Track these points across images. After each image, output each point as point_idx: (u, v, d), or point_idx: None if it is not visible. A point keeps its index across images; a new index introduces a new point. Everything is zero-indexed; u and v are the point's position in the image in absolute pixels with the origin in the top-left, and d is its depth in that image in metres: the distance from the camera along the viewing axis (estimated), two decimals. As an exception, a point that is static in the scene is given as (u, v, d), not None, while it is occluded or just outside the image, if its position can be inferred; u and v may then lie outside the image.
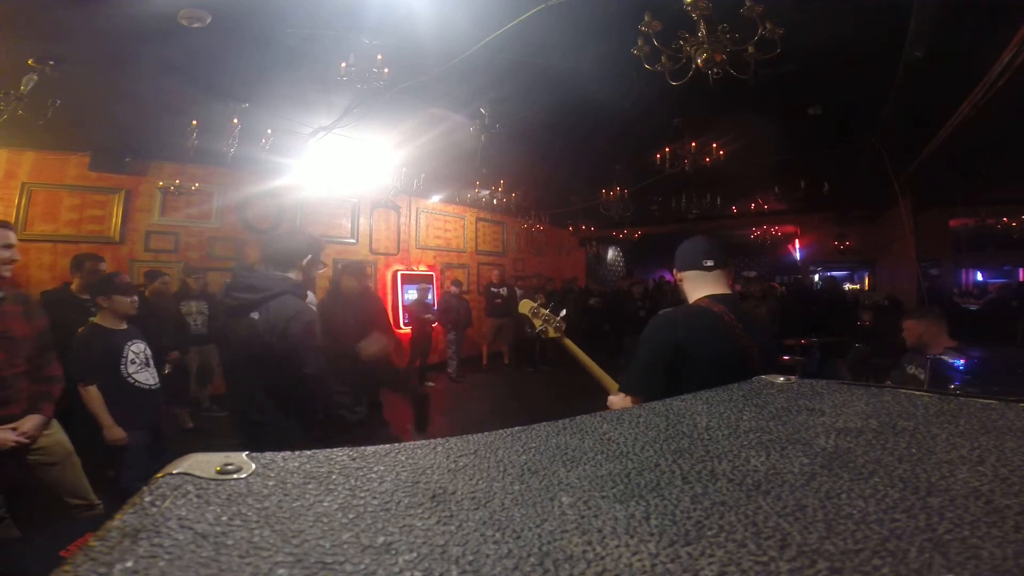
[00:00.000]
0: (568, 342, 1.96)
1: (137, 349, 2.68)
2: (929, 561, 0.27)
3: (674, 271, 1.73)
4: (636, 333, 2.93)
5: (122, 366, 2.59)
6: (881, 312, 5.75)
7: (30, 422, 2.10)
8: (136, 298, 2.75)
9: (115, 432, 2.50)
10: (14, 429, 2.05)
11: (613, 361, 2.61)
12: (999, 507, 0.32)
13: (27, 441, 2.09)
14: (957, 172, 6.03)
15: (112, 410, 2.52)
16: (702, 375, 1.37)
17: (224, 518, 0.32)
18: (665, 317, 1.60)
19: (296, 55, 3.35)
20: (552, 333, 1.91)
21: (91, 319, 2.64)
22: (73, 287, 3.40)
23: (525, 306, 2.00)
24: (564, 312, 1.95)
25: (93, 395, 2.48)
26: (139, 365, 2.66)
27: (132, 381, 2.61)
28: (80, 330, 2.62)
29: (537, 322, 1.93)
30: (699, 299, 1.57)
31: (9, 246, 2.07)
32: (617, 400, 1.56)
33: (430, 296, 7.11)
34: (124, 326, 2.67)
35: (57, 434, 2.25)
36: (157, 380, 2.75)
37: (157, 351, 2.96)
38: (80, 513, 2.27)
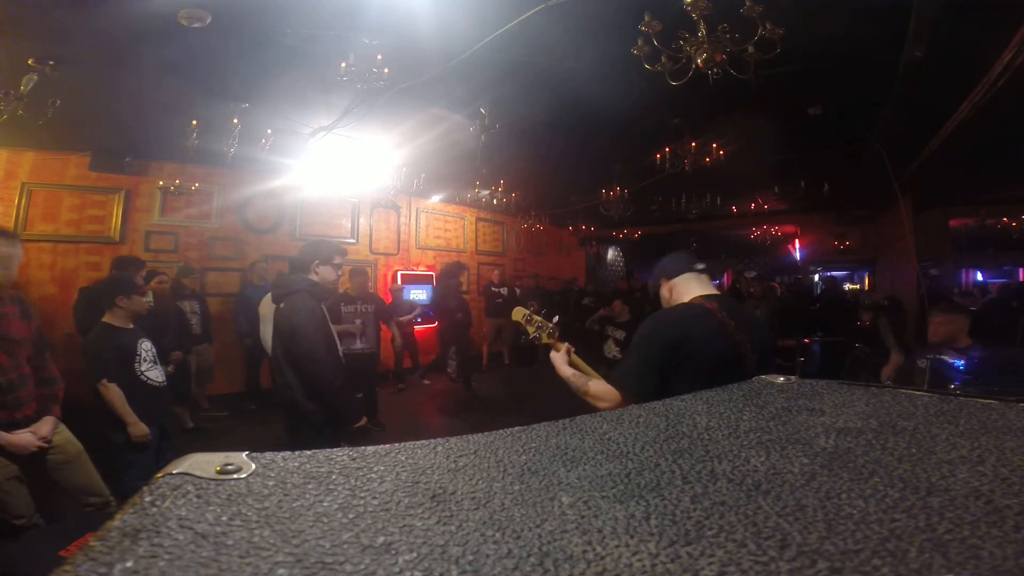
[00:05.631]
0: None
1: (147, 347, 2.70)
2: (929, 561, 0.27)
3: (661, 280, 1.75)
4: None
5: (136, 364, 2.61)
6: (881, 312, 5.74)
7: (46, 425, 2.11)
8: (150, 297, 2.78)
9: (139, 428, 2.50)
10: (33, 433, 2.06)
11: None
12: (999, 507, 0.32)
13: (47, 445, 2.11)
14: (957, 172, 6.02)
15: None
16: (698, 373, 1.38)
17: (224, 518, 0.32)
18: (664, 315, 1.62)
19: (296, 55, 3.35)
20: (546, 339, 1.90)
21: (102, 319, 2.65)
22: None
23: (518, 313, 1.99)
24: (557, 318, 1.95)
25: (115, 393, 2.48)
26: (150, 363, 2.69)
27: (145, 379, 2.62)
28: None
29: (531, 329, 1.93)
30: (693, 299, 1.60)
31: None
32: (600, 388, 1.56)
33: (414, 296, 7.09)
34: (131, 325, 2.69)
35: (65, 432, 2.26)
36: (164, 378, 2.77)
37: (160, 350, 2.98)
38: (95, 511, 2.27)
